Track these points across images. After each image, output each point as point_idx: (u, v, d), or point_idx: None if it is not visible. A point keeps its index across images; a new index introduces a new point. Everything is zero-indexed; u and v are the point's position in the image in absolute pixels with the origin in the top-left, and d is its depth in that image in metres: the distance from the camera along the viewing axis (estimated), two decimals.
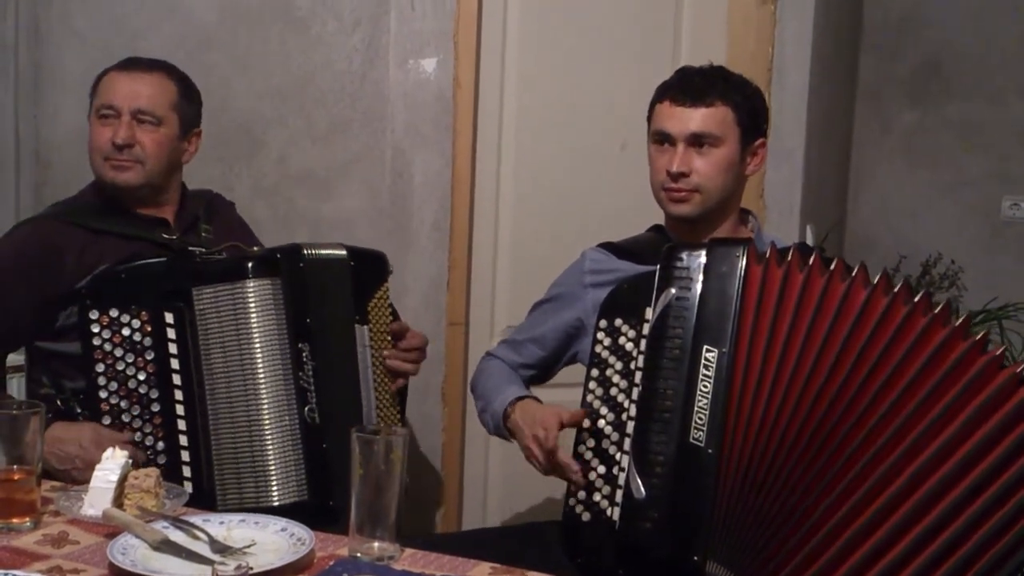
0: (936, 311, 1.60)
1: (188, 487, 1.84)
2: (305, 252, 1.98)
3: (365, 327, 2.06)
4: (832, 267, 1.66)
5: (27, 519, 1.50)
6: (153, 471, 1.61)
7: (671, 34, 2.81)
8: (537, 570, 1.42)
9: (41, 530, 1.50)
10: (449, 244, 2.70)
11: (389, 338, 2.12)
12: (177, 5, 2.73)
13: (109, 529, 1.48)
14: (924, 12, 3.53)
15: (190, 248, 2.04)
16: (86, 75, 2.69)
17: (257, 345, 1.90)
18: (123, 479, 1.57)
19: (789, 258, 1.68)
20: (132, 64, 2.09)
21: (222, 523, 1.50)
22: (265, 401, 1.89)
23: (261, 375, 1.90)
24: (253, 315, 1.91)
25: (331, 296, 2.02)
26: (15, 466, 1.50)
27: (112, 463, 1.58)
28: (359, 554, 1.42)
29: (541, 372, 2.16)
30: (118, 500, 1.55)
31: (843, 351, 1.62)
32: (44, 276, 1.99)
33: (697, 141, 1.91)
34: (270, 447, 1.89)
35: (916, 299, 1.61)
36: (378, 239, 2.49)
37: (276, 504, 1.86)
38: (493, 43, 2.73)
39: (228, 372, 1.90)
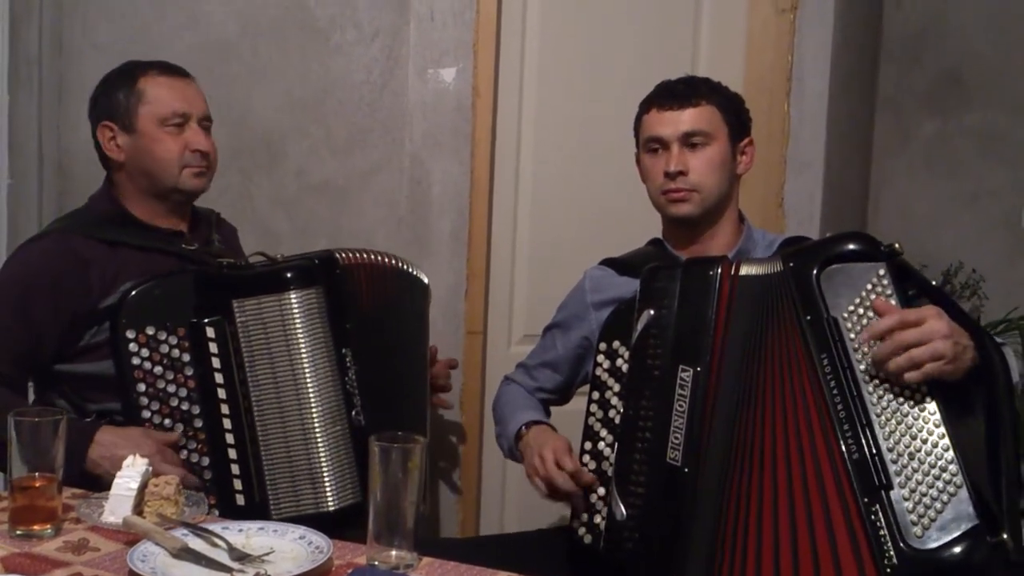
0: None
1: (240, 500, 1.84)
2: (339, 258, 2.00)
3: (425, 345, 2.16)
4: None
5: (48, 526, 1.51)
6: (172, 479, 1.62)
7: (690, 43, 2.82)
8: None
9: (62, 537, 1.50)
10: (467, 253, 2.71)
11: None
12: (198, 16, 2.75)
13: (129, 536, 1.49)
14: (944, 22, 3.50)
15: (218, 259, 2.01)
16: None
17: (305, 354, 1.89)
18: (143, 487, 1.58)
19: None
20: (168, 68, 2.04)
21: (241, 531, 1.51)
22: (316, 408, 1.89)
23: (311, 383, 1.89)
24: (300, 325, 1.89)
25: (401, 311, 2.09)
26: (36, 473, 1.51)
27: (132, 471, 1.59)
28: (377, 562, 1.42)
29: (558, 395, 2.17)
30: (138, 508, 1.56)
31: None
32: (73, 292, 1.92)
33: (689, 140, 1.94)
34: (324, 453, 1.88)
35: None
36: (397, 248, 2.48)
37: (333, 508, 1.86)
38: (512, 52, 2.74)
39: (277, 382, 1.89)
